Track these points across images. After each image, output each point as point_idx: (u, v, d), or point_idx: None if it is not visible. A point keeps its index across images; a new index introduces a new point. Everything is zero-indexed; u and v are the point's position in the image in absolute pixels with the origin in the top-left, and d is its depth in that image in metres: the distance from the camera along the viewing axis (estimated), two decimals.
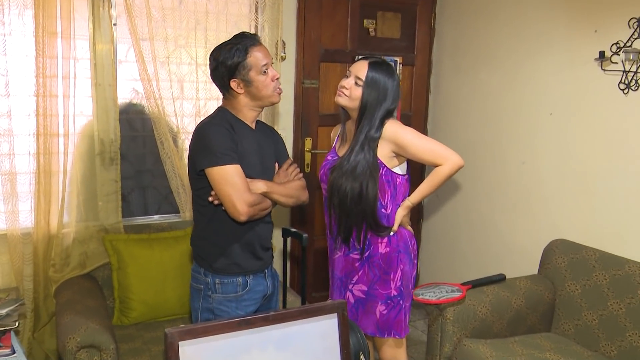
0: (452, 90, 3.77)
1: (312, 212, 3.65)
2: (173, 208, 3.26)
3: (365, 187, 2.19)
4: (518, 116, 3.24)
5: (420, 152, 2.20)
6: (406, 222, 2.33)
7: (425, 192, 2.27)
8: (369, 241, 2.27)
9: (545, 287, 2.82)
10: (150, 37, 2.89)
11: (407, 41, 3.82)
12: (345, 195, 2.22)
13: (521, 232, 3.24)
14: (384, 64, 2.24)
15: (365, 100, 2.20)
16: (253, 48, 2.01)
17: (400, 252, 2.27)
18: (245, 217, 1.95)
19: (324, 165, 2.38)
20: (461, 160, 2.22)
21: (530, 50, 3.14)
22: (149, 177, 3.35)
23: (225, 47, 2.01)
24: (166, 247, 2.89)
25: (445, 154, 2.21)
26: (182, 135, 3.06)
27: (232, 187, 1.93)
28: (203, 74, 3.09)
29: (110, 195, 2.94)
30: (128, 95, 3.13)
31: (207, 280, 2.06)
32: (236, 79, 2.01)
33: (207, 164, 1.94)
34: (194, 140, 2.02)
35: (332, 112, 3.62)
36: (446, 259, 3.86)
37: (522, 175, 3.22)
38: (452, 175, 2.24)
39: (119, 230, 2.95)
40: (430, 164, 2.24)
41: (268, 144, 2.18)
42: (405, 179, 2.29)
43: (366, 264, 2.28)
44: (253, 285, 2.10)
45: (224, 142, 1.95)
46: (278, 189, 2.09)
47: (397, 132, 2.20)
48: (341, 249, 2.34)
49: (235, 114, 2.07)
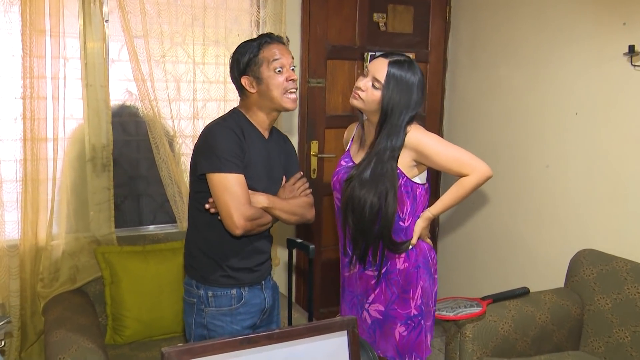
0: (469, 88, 3.77)
1: (320, 221, 3.65)
2: (169, 217, 3.27)
3: (384, 203, 2.15)
4: (541, 116, 3.23)
5: (444, 162, 2.16)
6: (425, 234, 2.30)
7: (448, 203, 2.24)
8: (386, 257, 2.25)
9: (572, 302, 2.81)
10: (144, 34, 2.90)
11: (420, 36, 3.82)
12: (363, 211, 2.17)
13: (546, 242, 3.23)
14: (405, 63, 2.17)
15: (385, 106, 2.14)
16: (269, 44, 2.03)
17: (420, 267, 2.24)
18: (241, 231, 1.95)
19: (337, 172, 2.34)
20: (490, 171, 2.18)
21: (554, 44, 3.13)
22: (144, 185, 3.35)
23: (243, 44, 2.05)
24: (162, 260, 2.90)
25: (472, 163, 2.17)
26: (178, 139, 3.07)
27: (232, 197, 1.93)
28: (201, 74, 3.10)
29: (102, 204, 2.95)
30: (121, 97, 3.15)
31: (200, 293, 2.07)
32: (247, 75, 2.03)
33: (209, 169, 1.95)
34: (200, 140, 2.03)
35: (340, 113, 3.62)
36: (464, 271, 3.85)
37: (546, 180, 3.21)
38: (479, 187, 2.21)
39: (111, 242, 2.96)
40: (456, 174, 2.20)
41: (278, 155, 2.18)
42: (425, 189, 2.26)
43: (383, 281, 2.26)
44: (249, 297, 2.10)
45: (230, 147, 1.96)
46: (281, 204, 2.09)
47: (419, 139, 2.15)
48: (356, 265, 2.31)
49: (248, 117, 2.08)
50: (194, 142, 3.07)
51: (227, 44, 3.15)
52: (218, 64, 3.15)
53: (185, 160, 3.13)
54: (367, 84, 2.18)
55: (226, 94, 3.18)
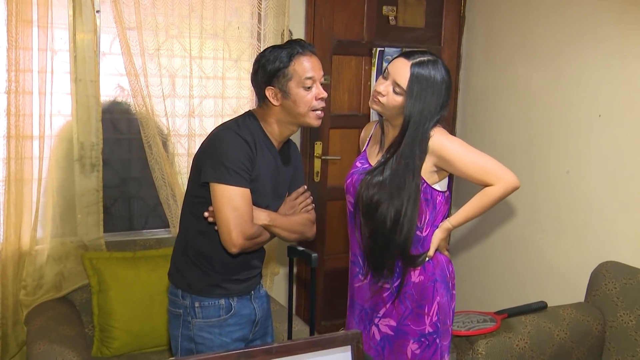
0: (484, 88, 3.77)
1: (323, 228, 3.65)
2: (162, 222, 3.27)
3: (406, 211, 2.13)
4: (562, 118, 3.22)
5: (468, 169, 2.14)
6: (443, 246, 2.28)
7: (469, 214, 2.21)
8: (402, 270, 2.23)
9: (593, 317, 2.80)
10: (137, 26, 2.91)
11: (432, 31, 3.83)
12: (382, 219, 2.15)
13: (565, 253, 3.22)
14: (429, 63, 2.13)
15: (408, 115, 2.12)
16: (301, 56, 2.00)
17: (437, 280, 2.22)
18: (238, 250, 1.96)
19: (351, 174, 2.32)
20: (517, 181, 2.16)
21: (576, 42, 3.13)
22: (135, 187, 3.36)
23: (272, 50, 2.02)
24: (154, 267, 2.90)
25: (498, 172, 2.14)
26: (173, 139, 3.08)
27: (234, 213, 1.93)
28: (198, 69, 3.10)
29: (91, 206, 2.95)
30: (112, 93, 3.15)
31: (186, 304, 2.07)
32: (273, 87, 2.01)
33: (214, 178, 1.94)
34: (208, 143, 2.02)
35: (346, 112, 3.62)
36: (477, 283, 3.84)
37: (566, 187, 3.20)
38: (504, 198, 2.18)
39: (100, 247, 2.96)
40: (480, 183, 2.17)
41: (287, 170, 2.18)
42: (446, 197, 2.24)
43: (396, 294, 2.25)
44: (238, 308, 2.11)
45: (240, 159, 1.95)
46: (281, 222, 2.10)
47: (442, 144, 2.13)
48: (367, 277, 2.30)
49: (263, 127, 2.07)
50: (189, 141, 3.09)
51: (226, 37, 3.16)
52: (216, 59, 3.16)
53: (180, 161, 3.13)
54: (387, 88, 2.15)
55: (224, 90, 3.18)
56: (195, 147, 3.11)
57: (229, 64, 3.19)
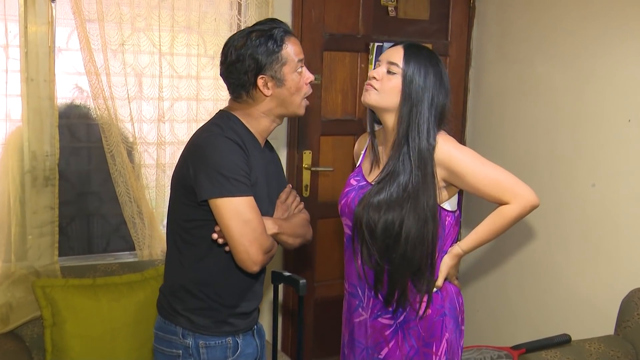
0: (498, 89, 3.79)
1: (313, 250, 3.64)
2: (126, 244, 3.26)
3: (425, 225, 2.11)
4: (587, 123, 3.24)
5: (480, 184, 2.12)
6: (453, 274, 2.27)
7: (483, 237, 2.20)
8: (407, 300, 2.20)
9: (623, 352, 2.81)
10: (99, 17, 2.91)
11: (438, 24, 3.85)
12: (397, 235, 2.12)
13: (591, 278, 3.22)
14: (424, 49, 2.20)
15: (407, 95, 2.12)
16: (289, 38, 2.04)
17: (446, 315, 2.21)
18: (259, 267, 1.98)
19: (346, 194, 2.31)
20: (536, 199, 2.14)
21: (603, 38, 3.15)
22: (96, 203, 3.35)
23: (251, 35, 2.02)
24: (117, 297, 2.88)
25: (514, 188, 2.12)
26: (139, 147, 3.08)
27: (248, 227, 1.93)
28: (169, 66, 3.11)
29: (44, 226, 2.94)
30: (69, 94, 3.15)
31: (187, 343, 2.06)
32: (265, 75, 2.02)
33: (215, 193, 1.93)
34: (194, 154, 2.00)
35: (339, 116, 3.63)
36: (491, 314, 3.84)
37: (592, 202, 3.21)
38: (521, 218, 2.16)
39: (54, 274, 2.94)
40: (493, 200, 2.15)
41: (274, 170, 2.21)
42: (456, 218, 2.24)
43: (400, 331, 2.23)
44: (244, 347, 2.13)
45: (238, 163, 1.96)
46: (287, 228, 2.12)
47: (451, 154, 2.13)
48: (368, 310, 2.28)
49: (247, 125, 2.08)
50: (158, 150, 3.09)
51: (201, 31, 3.16)
52: (189, 55, 3.16)
53: (148, 173, 3.12)
54: (380, 71, 2.17)
55: (199, 91, 3.18)
56: (166, 156, 3.11)
57: (204, 62, 3.19)
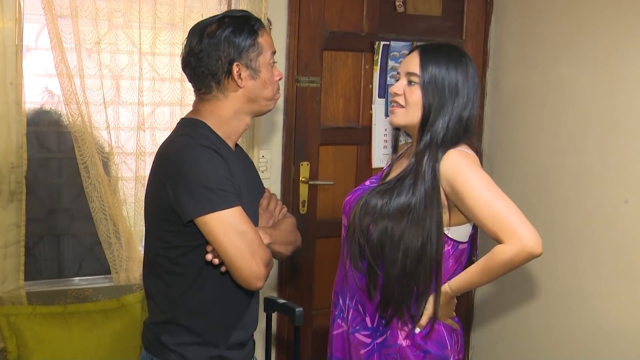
0: (518, 92, 3.79)
1: (311, 274, 3.64)
2: (101, 266, 3.26)
3: (427, 235, 2.13)
4: (617, 132, 3.24)
5: (479, 211, 2.07)
6: (446, 314, 2.25)
7: (474, 279, 2.17)
8: (392, 323, 2.22)
9: None
10: (72, 13, 2.92)
11: (451, 20, 3.86)
12: (399, 242, 2.14)
13: (624, 307, 3.22)
14: (444, 48, 2.23)
15: (427, 105, 2.16)
16: (263, 29, 2.09)
17: (429, 353, 2.20)
18: (263, 282, 1.99)
19: (354, 192, 2.37)
20: (536, 246, 2.04)
21: (636, 38, 3.15)
22: (67, 221, 3.35)
23: (224, 19, 2.06)
24: (90, 326, 2.89)
25: (515, 227, 2.03)
26: (116, 158, 3.08)
27: (244, 239, 1.94)
28: (150, 68, 3.11)
29: (9, 247, 2.93)
30: (38, 99, 3.15)
31: None
32: (241, 63, 2.03)
33: (202, 210, 1.93)
34: (172, 173, 1.98)
35: (341, 124, 3.63)
36: (512, 346, 3.83)
37: (624, 220, 3.21)
38: (516, 266, 2.09)
39: (19, 300, 2.94)
40: (490, 234, 2.09)
41: (252, 175, 2.24)
42: (460, 251, 2.23)
43: (376, 354, 2.25)
44: None
45: (221, 173, 1.97)
46: (278, 236, 2.14)
47: (456, 167, 2.12)
48: (347, 321, 2.31)
49: (215, 128, 2.08)
50: (137, 161, 3.10)
51: (186, 28, 3.13)
52: (173, 55, 3.17)
53: (126, 187, 3.12)
54: (401, 84, 2.21)
55: (184, 96, 3.19)
56: (146, 168, 3.11)
57: None
